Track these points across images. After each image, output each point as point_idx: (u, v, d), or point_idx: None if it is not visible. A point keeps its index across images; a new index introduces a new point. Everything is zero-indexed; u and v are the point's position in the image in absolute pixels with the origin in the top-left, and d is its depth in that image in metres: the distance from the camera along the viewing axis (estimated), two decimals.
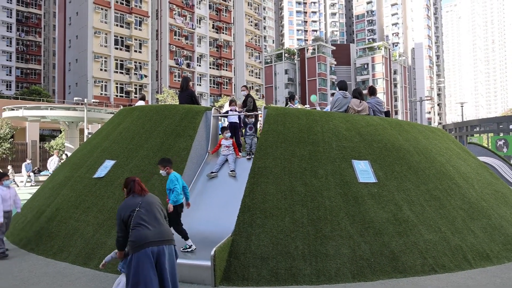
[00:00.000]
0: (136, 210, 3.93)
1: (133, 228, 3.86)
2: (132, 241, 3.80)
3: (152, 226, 3.89)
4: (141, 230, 3.83)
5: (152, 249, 3.78)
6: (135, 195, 4.10)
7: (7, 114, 27.22)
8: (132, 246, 3.79)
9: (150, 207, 4.03)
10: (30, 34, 67.38)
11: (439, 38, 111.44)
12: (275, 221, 5.78)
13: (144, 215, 3.92)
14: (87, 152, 8.99)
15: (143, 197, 4.10)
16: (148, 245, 3.77)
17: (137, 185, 4.15)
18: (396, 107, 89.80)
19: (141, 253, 3.74)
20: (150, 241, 3.80)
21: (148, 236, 3.80)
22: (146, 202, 4.05)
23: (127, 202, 4.05)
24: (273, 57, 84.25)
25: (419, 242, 5.80)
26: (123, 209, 3.99)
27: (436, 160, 7.64)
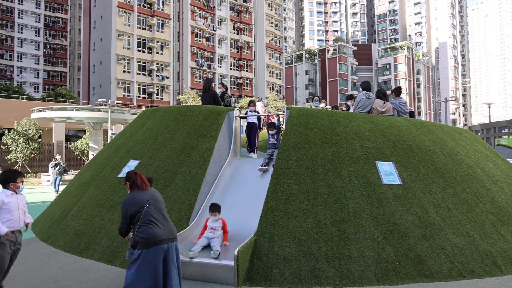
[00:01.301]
0: (145, 207, 4.02)
1: (144, 224, 3.95)
2: (144, 238, 3.90)
3: (161, 224, 4.03)
4: (153, 227, 3.95)
5: (163, 246, 3.94)
6: (139, 189, 4.17)
7: (35, 115, 28.06)
8: (144, 242, 3.89)
9: (158, 204, 4.15)
10: (56, 38, 69.38)
11: (465, 37, 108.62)
12: (298, 222, 5.74)
13: (153, 213, 4.03)
14: (112, 152, 9.17)
15: (150, 193, 4.17)
16: (160, 243, 3.92)
17: (138, 178, 4.22)
18: (419, 108, 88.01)
19: (153, 250, 3.88)
20: (161, 239, 3.94)
21: (160, 234, 3.94)
22: (154, 199, 4.15)
23: (135, 197, 4.10)
24: (294, 58, 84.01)
25: (446, 246, 5.65)
26: (131, 203, 4.05)
27: (463, 162, 7.44)
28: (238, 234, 5.98)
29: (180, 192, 6.78)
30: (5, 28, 62.85)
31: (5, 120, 31.56)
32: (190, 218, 6.36)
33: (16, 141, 28.54)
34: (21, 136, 28.64)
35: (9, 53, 63.52)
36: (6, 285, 5.28)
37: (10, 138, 28.52)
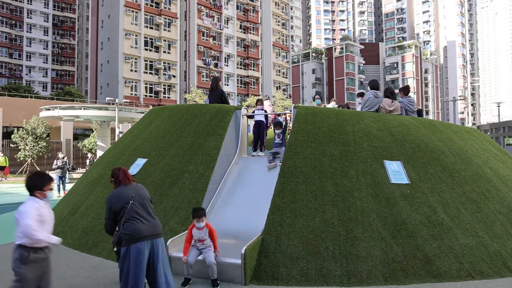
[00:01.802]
0: (130, 203, 4.04)
1: (128, 220, 3.98)
2: (128, 234, 3.93)
3: (146, 220, 4.04)
4: (136, 224, 3.97)
5: (147, 243, 3.96)
6: (123, 185, 4.20)
7: (44, 114, 28.33)
8: (128, 239, 3.93)
9: (143, 200, 4.16)
10: (65, 37, 69.94)
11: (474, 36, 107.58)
12: (305, 221, 5.73)
13: (137, 209, 4.06)
14: (120, 151, 9.21)
15: (135, 189, 4.20)
16: (143, 239, 3.94)
17: (122, 174, 4.25)
18: (427, 107, 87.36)
19: (136, 246, 3.91)
20: (145, 235, 3.96)
21: (143, 230, 3.96)
22: (139, 195, 4.16)
23: (120, 193, 4.12)
24: (300, 57, 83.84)
25: (455, 246, 5.60)
26: (115, 199, 4.08)
27: (472, 161, 7.36)
28: (245, 233, 5.98)
29: (187, 190, 6.80)
30: (15, 28, 63.49)
31: (15, 119, 31.89)
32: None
33: (25, 140, 28.83)
34: (30, 134, 28.92)
35: (18, 52, 64.17)
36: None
37: (19, 136, 28.81)
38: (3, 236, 8.27)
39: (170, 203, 6.70)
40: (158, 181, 7.21)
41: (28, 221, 3.49)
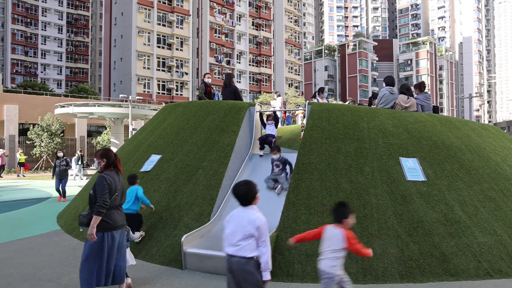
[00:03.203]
0: (117, 194, 4.27)
1: (110, 208, 4.16)
2: (107, 222, 4.13)
3: (120, 211, 4.36)
4: (116, 213, 4.24)
5: (117, 232, 4.26)
6: (115, 172, 4.34)
7: (59, 111, 28.74)
8: (106, 226, 4.13)
9: (122, 193, 4.44)
10: (78, 35, 70.82)
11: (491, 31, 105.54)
12: (320, 218, 5.69)
13: (119, 200, 4.35)
14: (134, 147, 9.29)
15: (120, 179, 4.38)
16: (118, 228, 4.26)
17: (119, 161, 4.41)
18: (442, 105, 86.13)
19: (112, 234, 4.19)
20: (119, 224, 4.28)
21: (118, 220, 4.26)
22: (122, 187, 4.40)
23: (114, 180, 4.24)
24: (313, 54, 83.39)
25: (473, 245, 5.50)
26: (113, 185, 4.19)
27: (490, 159, 7.22)
28: None
29: (201, 187, 6.82)
30: (30, 26, 64.52)
31: (31, 116, 32.45)
32: (212, 212, 6.39)
33: (41, 136, 29.30)
34: (45, 131, 29.37)
35: (33, 50, 65.23)
36: (35, 274, 5.44)
37: (34, 133, 29.30)
38: (20, 231, 8.42)
39: (184, 199, 6.73)
40: (173, 177, 7.25)
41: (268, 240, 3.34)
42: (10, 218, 9.88)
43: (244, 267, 3.26)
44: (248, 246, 3.26)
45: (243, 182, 3.46)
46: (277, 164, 7.18)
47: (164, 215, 6.59)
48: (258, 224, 3.26)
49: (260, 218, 3.30)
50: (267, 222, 3.32)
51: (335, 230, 3.64)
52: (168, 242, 6.06)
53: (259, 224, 3.26)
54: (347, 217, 3.68)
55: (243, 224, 3.28)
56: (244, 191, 3.37)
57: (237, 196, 3.40)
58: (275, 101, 15.69)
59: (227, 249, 3.36)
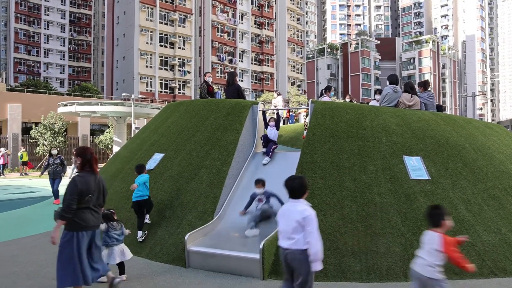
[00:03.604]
0: (90, 196, 4.21)
1: (82, 209, 4.16)
2: (79, 222, 4.14)
3: (95, 212, 4.31)
4: (88, 214, 4.21)
5: (90, 232, 4.24)
6: (91, 173, 4.29)
7: (62, 109, 28.80)
8: (76, 226, 4.14)
9: (99, 193, 4.37)
10: (81, 34, 70.94)
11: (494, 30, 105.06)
12: (323, 216, 5.69)
13: (94, 201, 4.29)
14: (137, 146, 9.30)
15: (97, 181, 4.33)
16: (90, 228, 4.23)
17: (94, 161, 4.35)
18: (445, 103, 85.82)
19: (83, 234, 4.17)
20: (91, 225, 4.24)
21: (90, 221, 4.22)
22: (98, 188, 4.34)
23: (87, 182, 4.20)
24: (315, 52, 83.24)
25: (477, 243, 5.49)
26: (83, 186, 4.14)
27: (494, 157, 7.19)
28: (263, 228, 5.97)
29: (204, 185, 6.83)
30: (32, 25, 64.67)
31: (34, 115, 32.53)
32: (215, 211, 6.39)
33: (44, 135, 29.38)
34: (48, 130, 29.45)
35: (36, 49, 65.39)
36: (39, 272, 5.45)
37: (37, 132, 29.38)
38: (24, 229, 8.45)
39: (188, 197, 6.73)
40: (176, 176, 7.25)
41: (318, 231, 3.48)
42: (14, 216, 9.91)
43: (299, 258, 3.43)
44: (302, 239, 3.42)
45: (296, 176, 3.72)
46: (260, 198, 6.33)
47: (168, 213, 6.60)
48: (306, 215, 3.40)
49: (308, 210, 3.46)
50: (315, 215, 3.46)
51: (432, 234, 3.58)
52: (171, 240, 6.07)
53: (306, 215, 3.41)
54: (443, 219, 3.61)
55: (294, 217, 3.44)
56: (298, 184, 3.56)
57: (290, 189, 3.58)
58: (276, 99, 15.68)
59: (283, 243, 3.54)
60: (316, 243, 3.40)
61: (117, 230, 5.07)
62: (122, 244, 5.13)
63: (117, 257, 4.99)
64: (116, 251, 4.99)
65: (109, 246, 4.99)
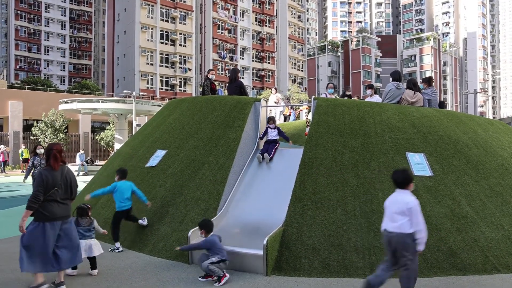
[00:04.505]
0: (55, 189, 4.47)
1: (49, 201, 4.44)
2: (45, 214, 4.42)
3: (62, 204, 4.56)
4: (55, 206, 4.48)
5: (58, 223, 4.51)
6: (53, 169, 4.53)
7: (63, 107, 28.79)
8: (43, 217, 4.42)
9: (66, 186, 4.62)
10: (81, 31, 70.82)
11: (495, 27, 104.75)
12: (326, 213, 5.69)
13: (61, 194, 4.54)
14: (139, 142, 9.30)
15: (63, 173, 4.59)
16: (57, 220, 4.49)
17: (52, 158, 4.55)
18: (446, 101, 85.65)
19: (49, 224, 4.44)
20: (58, 216, 4.50)
21: (57, 212, 4.49)
22: (65, 182, 4.59)
23: (52, 177, 4.47)
24: (316, 50, 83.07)
25: (480, 239, 5.49)
26: (49, 180, 4.43)
27: (497, 154, 7.19)
28: (266, 224, 5.98)
29: (207, 182, 6.83)
30: (33, 22, 64.55)
31: (34, 112, 32.52)
32: (218, 207, 6.40)
33: (45, 132, 29.38)
34: (49, 127, 29.44)
35: (36, 46, 65.31)
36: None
37: (39, 129, 29.38)
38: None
39: (190, 194, 6.73)
40: (178, 172, 7.26)
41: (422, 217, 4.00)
42: (15, 212, 9.92)
43: (403, 241, 3.94)
44: (406, 223, 3.94)
45: (401, 169, 4.25)
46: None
47: (171, 210, 6.60)
48: (411, 205, 3.93)
49: (412, 200, 3.98)
50: (419, 204, 3.97)
51: None
52: (174, 236, 6.08)
53: (411, 205, 3.93)
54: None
55: (400, 205, 3.99)
56: (401, 177, 4.11)
57: (395, 180, 4.16)
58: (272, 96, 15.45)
59: (387, 226, 4.09)
60: (423, 229, 3.96)
61: (85, 226, 5.23)
62: (91, 240, 5.24)
63: (83, 252, 5.06)
64: (83, 246, 5.06)
65: None
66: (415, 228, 3.94)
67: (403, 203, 3.97)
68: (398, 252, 3.99)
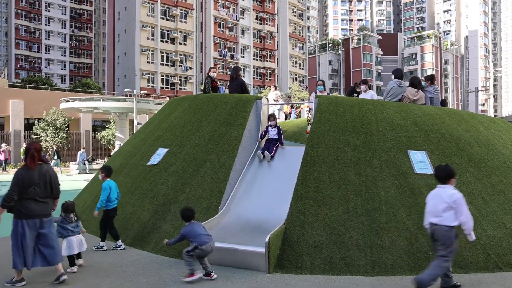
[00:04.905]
0: (33, 187, 4.57)
1: (27, 199, 4.55)
2: (23, 211, 4.54)
3: (42, 202, 4.65)
4: (33, 204, 4.58)
5: (37, 221, 4.61)
6: (30, 169, 4.62)
7: (64, 105, 28.80)
8: (21, 215, 4.55)
9: (46, 185, 4.69)
10: (82, 30, 70.78)
11: (497, 25, 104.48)
12: (328, 211, 5.70)
13: (40, 192, 4.63)
14: (140, 141, 9.31)
15: (41, 172, 4.66)
16: (35, 217, 4.60)
17: (29, 159, 4.64)
18: (447, 99, 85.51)
19: (27, 222, 4.56)
20: (37, 214, 4.61)
21: (35, 210, 4.59)
22: (44, 180, 4.67)
23: (29, 176, 4.57)
24: (317, 48, 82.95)
25: (482, 238, 5.49)
26: (25, 179, 4.54)
27: (499, 152, 7.18)
28: (267, 222, 5.99)
29: (209, 179, 6.83)
30: (33, 21, 64.54)
31: (36, 111, 32.53)
32: (220, 205, 6.40)
33: (46, 131, 29.39)
34: (50, 126, 29.46)
35: (37, 45, 65.29)
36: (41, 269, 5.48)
37: (40, 128, 29.39)
38: None
39: (192, 192, 6.74)
40: (180, 170, 7.26)
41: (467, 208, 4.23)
42: None
43: (446, 234, 4.16)
44: (450, 216, 4.15)
45: (444, 165, 4.49)
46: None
47: (172, 207, 6.61)
48: (455, 198, 4.16)
49: (456, 193, 4.20)
50: (463, 197, 4.18)
51: None
52: (176, 234, 6.06)
53: (455, 198, 4.15)
54: None
55: (443, 199, 4.20)
56: (443, 172, 4.36)
57: (437, 176, 4.42)
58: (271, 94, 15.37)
59: (431, 219, 4.29)
60: (470, 219, 4.17)
61: (72, 222, 5.32)
62: (79, 235, 5.35)
63: (76, 247, 5.21)
64: (75, 242, 5.21)
65: (65, 237, 5.21)
66: (461, 221, 4.14)
67: (447, 197, 4.18)
68: (439, 243, 4.22)
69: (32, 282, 4.83)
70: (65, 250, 5.10)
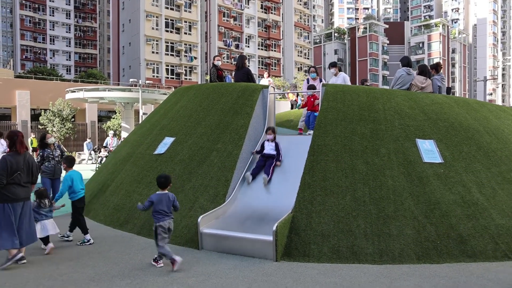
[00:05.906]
0: (19, 173, 4.87)
1: (12, 184, 4.83)
2: (7, 195, 4.81)
3: (24, 186, 4.98)
4: (18, 188, 4.89)
5: (20, 204, 4.93)
6: (18, 153, 4.93)
7: (69, 96, 28.84)
8: (7, 198, 4.81)
9: (28, 171, 5.03)
10: (86, 20, 70.60)
11: (506, 13, 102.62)
12: (335, 199, 5.68)
13: (24, 177, 4.95)
14: (147, 130, 9.31)
15: (26, 158, 4.99)
16: (19, 200, 4.91)
17: (19, 143, 4.96)
18: (454, 88, 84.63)
19: (12, 205, 4.85)
20: (21, 197, 4.93)
21: (20, 194, 4.91)
22: (27, 166, 5.01)
23: (16, 161, 4.88)
24: (322, 37, 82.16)
25: (490, 227, 5.45)
26: (13, 165, 4.83)
27: (509, 141, 7.10)
28: (275, 211, 5.99)
29: (216, 168, 6.83)
30: (38, 12, 64.44)
31: (42, 101, 32.64)
32: (227, 194, 6.41)
33: (52, 121, 29.53)
34: (57, 116, 29.57)
35: (42, 36, 65.29)
36: (53, 256, 5.53)
37: (46, 118, 29.52)
38: None
39: (199, 181, 6.75)
40: (187, 160, 7.26)
41: None
42: None
43: None
44: None
45: None
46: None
47: (179, 196, 6.59)
48: None
49: None
50: None
51: None
52: (184, 223, 6.11)
53: None
54: None
55: None
56: None
57: None
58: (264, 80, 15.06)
59: None
60: None
61: (47, 207, 5.66)
62: (52, 219, 5.70)
63: (50, 230, 5.58)
64: (48, 225, 5.58)
65: (39, 221, 5.52)
66: None
67: None
68: None
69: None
70: (39, 232, 5.43)
